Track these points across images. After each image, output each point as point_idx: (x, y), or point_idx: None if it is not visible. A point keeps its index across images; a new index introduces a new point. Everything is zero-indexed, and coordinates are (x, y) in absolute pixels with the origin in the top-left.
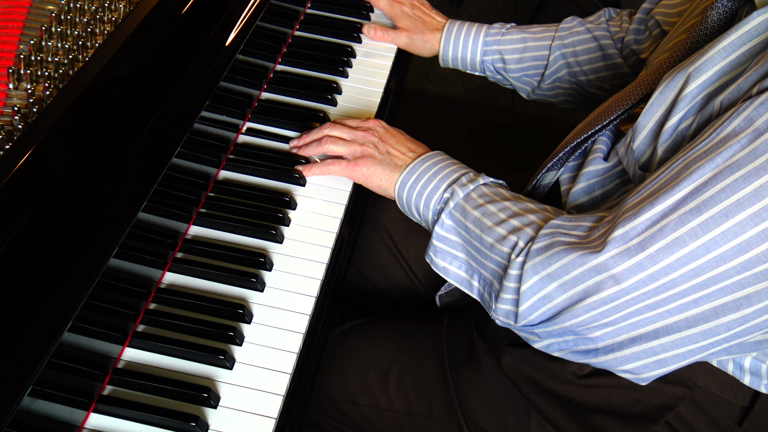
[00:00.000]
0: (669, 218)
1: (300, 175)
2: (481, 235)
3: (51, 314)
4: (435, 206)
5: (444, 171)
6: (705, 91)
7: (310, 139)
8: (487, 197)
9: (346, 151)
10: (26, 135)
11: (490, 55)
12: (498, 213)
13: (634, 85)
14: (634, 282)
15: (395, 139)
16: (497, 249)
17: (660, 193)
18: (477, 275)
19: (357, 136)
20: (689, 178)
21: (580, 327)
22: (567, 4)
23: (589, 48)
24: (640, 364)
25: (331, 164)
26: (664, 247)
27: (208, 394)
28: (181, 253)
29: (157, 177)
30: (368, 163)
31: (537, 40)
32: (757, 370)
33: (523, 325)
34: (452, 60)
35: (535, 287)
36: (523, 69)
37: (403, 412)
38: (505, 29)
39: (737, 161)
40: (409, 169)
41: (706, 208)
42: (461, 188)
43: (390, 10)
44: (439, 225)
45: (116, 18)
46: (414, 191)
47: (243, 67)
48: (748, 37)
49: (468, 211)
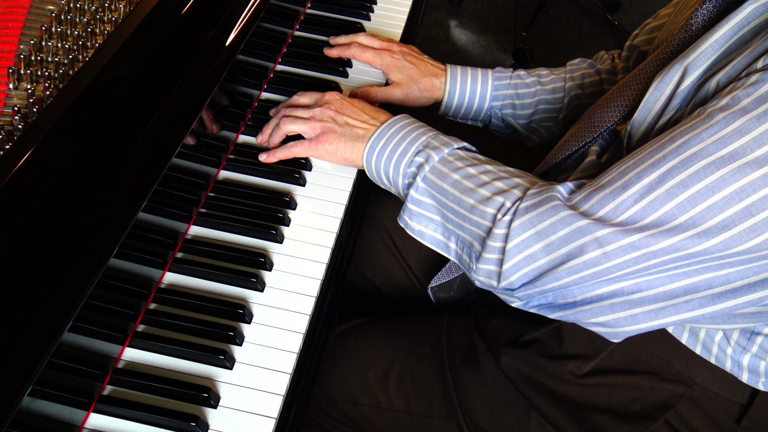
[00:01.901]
0: (657, 191)
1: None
2: (460, 197)
3: (51, 314)
4: (405, 169)
5: (412, 134)
6: (698, 82)
7: (269, 127)
8: (465, 161)
9: (305, 129)
10: (26, 135)
11: (499, 100)
12: (479, 175)
13: (618, 90)
14: (617, 247)
15: (353, 109)
16: (479, 210)
17: (648, 164)
18: (454, 237)
19: (314, 113)
20: (676, 151)
21: (561, 289)
22: (567, 4)
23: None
24: (615, 317)
25: (293, 146)
26: (653, 221)
27: (208, 394)
28: (181, 253)
29: (157, 177)
30: (329, 138)
31: (549, 83)
32: (756, 367)
33: (504, 288)
34: (456, 107)
35: (521, 246)
36: (534, 114)
37: (402, 411)
38: (512, 72)
39: (723, 137)
40: (375, 136)
41: (692, 183)
42: (435, 151)
43: (379, 61)
44: (414, 188)
45: (116, 18)
46: (382, 157)
47: (243, 67)
48: (740, 26)
49: (446, 174)
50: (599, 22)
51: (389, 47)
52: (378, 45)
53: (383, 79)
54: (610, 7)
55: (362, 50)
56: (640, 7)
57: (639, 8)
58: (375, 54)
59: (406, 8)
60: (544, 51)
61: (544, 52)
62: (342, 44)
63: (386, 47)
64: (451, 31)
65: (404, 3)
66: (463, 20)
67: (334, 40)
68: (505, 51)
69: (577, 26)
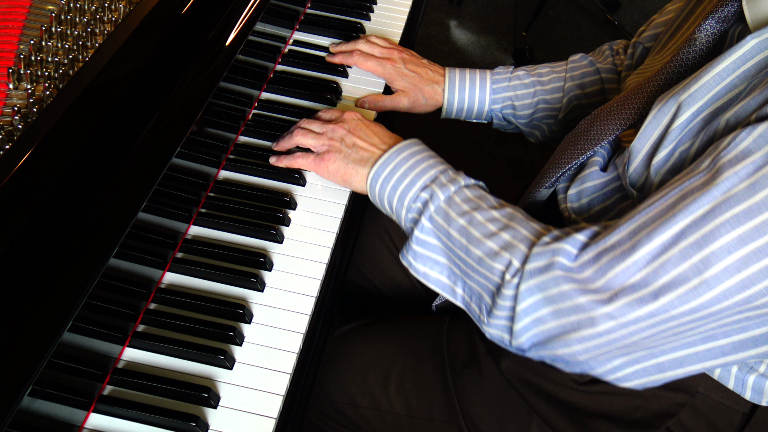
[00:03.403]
0: (670, 253)
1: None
2: (467, 246)
3: (51, 314)
4: (410, 204)
5: (420, 165)
6: (700, 115)
7: (286, 134)
8: (472, 203)
9: (314, 144)
10: (26, 135)
11: (499, 103)
12: (486, 224)
13: (619, 104)
14: (632, 318)
15: (365, 132)
16: (487, 264)
17: (658, 223)
18: (461, 282)
19: (327, 129)
20: (687, 209)
21: (572, 357)
22: (567, 4)
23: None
24: (631, 375)
25: (298, 157)
26: (666, 283)
27: (208, 394)
28: (181, 253)
29: (157, 177)
30: (333, 158)
31: (548, 83)
32: (761, 387)
33: (516, 347)
34: (457, 112)
35: (530, 309)
36: (535, 114)
37: (403, 414)
38: (511, 73)
39: (737, 194)
40: (382, 162)
41: (707, 243)
42: (441, 189)
43: (382, 70)
44: (419, 228)
45: (116, 18)
46: (387, 185)
47: (243, 67)
48: (743, 60)
49: (452, 218)
50: (599, 22)
51: (390, 55)
52: (379, 53)
53: (381, 88)
54: (610, 7)
55: (365, 59)
56: (640, 7)
57: (639, 8)
58: (377, 63)
59: (406, 8)
60: (544, 51)
61: (544, 52)
62: (343, 52)
63: (387, 55)
64: (451, 31)
65: (404, 3)
66: (463, 20)
67: (334, 47)
68: (505, 51)
69: (577, 26)
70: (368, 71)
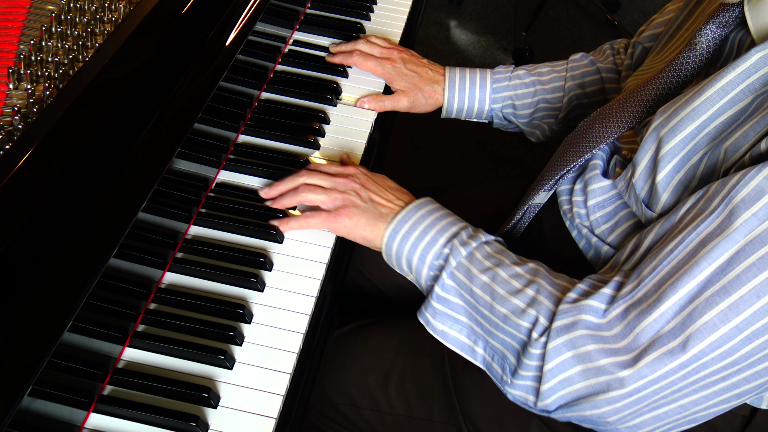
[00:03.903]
0: (696, 302)
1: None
2: (492, 303)
3: (51, 314)
4: (432, 261)
5: (440, 223)
6: (705, 130)
7: (284, 188)
8: (493, 259)
9: (326, 200)
10: (26, 135)
11: (499, 102)
12: (510, 280)
13: (617, 107)
14: (662, 372)
15: (378, 185)
16: (513, 322)
17: (681, 272)
18: (482, 342)
19: (337, 183)
20: (710, 256)
21: (600, 418)
22: (567, 4)
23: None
24: (659, 428)
25: (310, 216)
26: (694, 333)
27: (208, 394)
28: (181, 253)
29: (157, 177)
30: (351, 213)
31: (549, 82)
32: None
33: (541, 409)
34: (457, 111)
35: (558, 369)
36: (535, 113)
37: (403, 415)
38: (511, 72)
39: (758, 236)
40: (400, 218)
41: (734, 289)
42: (463, 246)
43: (381, 70)
44: (440, 285)
45: (116, 18)
46: (407, 243)
47: (243, 67)
48: (747, 74)
49: (474, 275)
50: (599, 22)
51: (389, 55)
52: (378, 53)
53: (381, 88)
54: (610, 7)
55: (364, 59)
56: (640, 7)
57: (639, 8)
58: (377, 63)
59: (406, 8)
60: (544, 51)
61: (544, 52)
62: (343, 52)
63: (386, 55)
64: (451, 31)
65: (404, 3)
66: (463, 20)
67: (334, 47)
68: (505, 51)
69: (577, 26)
70: (368, 71)
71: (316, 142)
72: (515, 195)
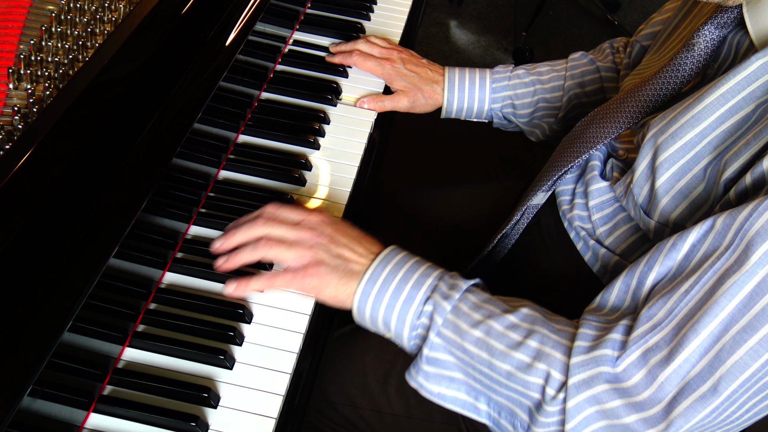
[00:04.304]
0: (722, 342)
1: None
2: (491, 361)
3: (51, 314)
4: (413, 321)
5: (412, 276)
6: (706, 139)
7: (239, 240)
8: (482, 310)
9: (291, 257)
10: (26, 135)
11: (499, 102)
12: (507, 333)
13: (614, 107)
14: (696, 420)
15: (347, 238)
16: (519, 378)
17: (701, 313)
18: (484, 398)
19: (302, 237)
20: (729, 293)
21: None
22: (567, 4)
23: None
24: None
25: (273, 277)
26: (725, 374)
27: (208, 394)
28: (181, 253)
29: (157, 177)
30: (320, 272)
31: (548, 81)
32: None
33: None
34: (456, 111)
35: (581, 426)
36: (535, 113)
37: (403, 415)
38: (510, 72)
39: None
40: (368, 277)
41: (761, 324)
42: (445, 300)
43: (381, 70)
44: (428, 346)
45: (116, 18)
46: (381, 304)
47: (243, 67)
48: (748, 81)
49: (464, 330)
50: (599, 22)
51: (389, 55)
52: (378, 53)
53: (381, 88)
54: (610, 7)
55: (364, 59)
56: (640, 6)
57: (639, 8)
58: (377, 63)
59: (406, 8)
60: (544, 51)
61: (544, 52)
62: (343, 52)
63: (386, 55)
64: (451, 31)
65: (404, 3)
66: (463, 20)
67: (334, 47)
68: (505, 51)
69: (577, 26)
70: (367, 71)
71: (316, 142)
72: (515, 195)
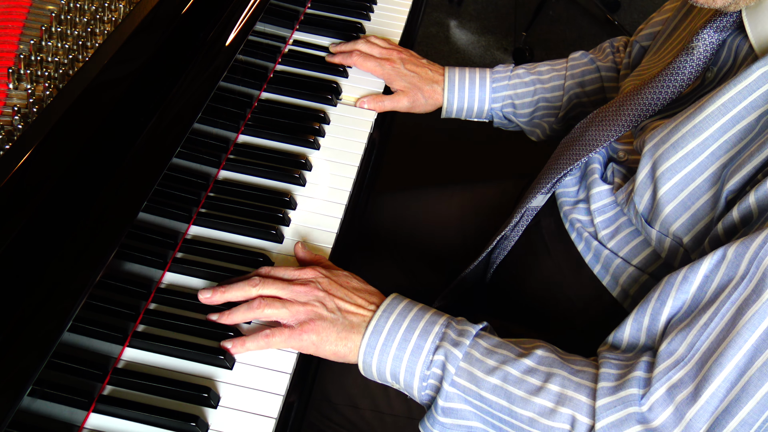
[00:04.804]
0: (748, 374)
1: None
2: (511, 408)
3: (51, 314)
4: (423, 371)
5: (418, 324)
6: (709, 149)
7: (232, 295)
8: (496, 356)
9: (287, 315)
10: (26, 135)
11: (499, 102)
12: (526, 378)
13: (614, 110)
14: None
15: (344, 290)
16: (543, 424)
17: (723, 346)
18: None
19: (297, 293)
20: (751, 324)
21: None
22: (567, 4)
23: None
24: None
25: (270, 335)
26: (754, 408)
27: (208, 394)
28: (181, 253)
29: (157, 177)
30: (318, 328)
31: (549, 81)
32: None
33: None
34: (457, 111)
35: None
36: (535, 112)
37: (403, 416)
38: (510, 72)
39: None
40: (372, 330)
41: None
42: (456, 347)
43: (381, 71)
44: (443, 397)
45: (116, 18)
46: (388, 357)
47: (243, 67)
48: (749, 90)
49: (480, 378)
50: (599, 22)
51: (389, 55)
52: (378, 53)
53: (381, 87)
54: (610, 7)
55: (364, 59)
56: (640, 7)
57: (639, 8)
58: (377, 64)
59: (406, 8)
60: (544, 51)
61: (544, 52)
62: (343, 52)
63: (386, 56)
64: (451, 31)
65: (404, 3)
66: (463, 20)
67: (334, 47)
68: (505, 51)
69: (577, 26)
70: (367, 71)
71: (316, 142)
72: (515, 196)
